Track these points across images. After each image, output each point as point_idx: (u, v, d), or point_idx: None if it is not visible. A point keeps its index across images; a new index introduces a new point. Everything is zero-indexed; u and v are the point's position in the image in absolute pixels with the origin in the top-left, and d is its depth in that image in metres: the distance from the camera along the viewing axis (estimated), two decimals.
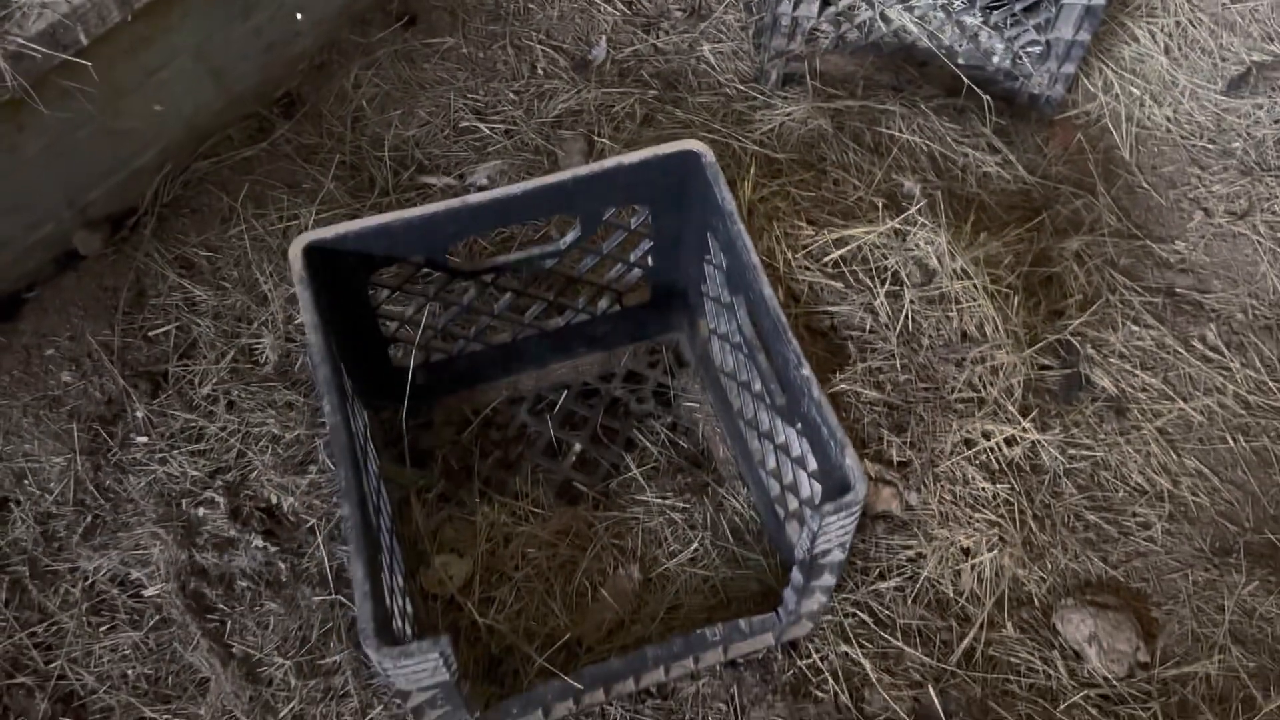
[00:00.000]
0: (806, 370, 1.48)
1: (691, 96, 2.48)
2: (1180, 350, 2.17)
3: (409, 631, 1.51)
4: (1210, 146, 2.50)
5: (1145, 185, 2.46)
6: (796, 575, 1.55)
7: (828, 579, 1.59)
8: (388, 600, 1.39)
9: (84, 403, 2.01)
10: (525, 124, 2.41)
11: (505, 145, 2.39)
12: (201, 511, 1.88)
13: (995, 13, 2.40)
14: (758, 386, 1.75)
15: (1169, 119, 2.54)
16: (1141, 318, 2.21)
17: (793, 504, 1.72)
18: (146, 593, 1.82)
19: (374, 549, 1.34)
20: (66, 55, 1.75)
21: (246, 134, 2.36)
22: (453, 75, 2.50)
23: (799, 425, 1.57)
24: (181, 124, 2.24)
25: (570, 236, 1.80)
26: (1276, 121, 2.49)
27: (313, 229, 1.79)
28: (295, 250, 1.54)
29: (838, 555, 1.52)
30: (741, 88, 2.50)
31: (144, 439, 1.98)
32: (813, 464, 1.58)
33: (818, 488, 1.59)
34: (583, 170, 1.66)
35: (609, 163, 1.66)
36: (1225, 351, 2.18)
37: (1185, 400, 2.11)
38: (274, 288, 2.10)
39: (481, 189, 2.30)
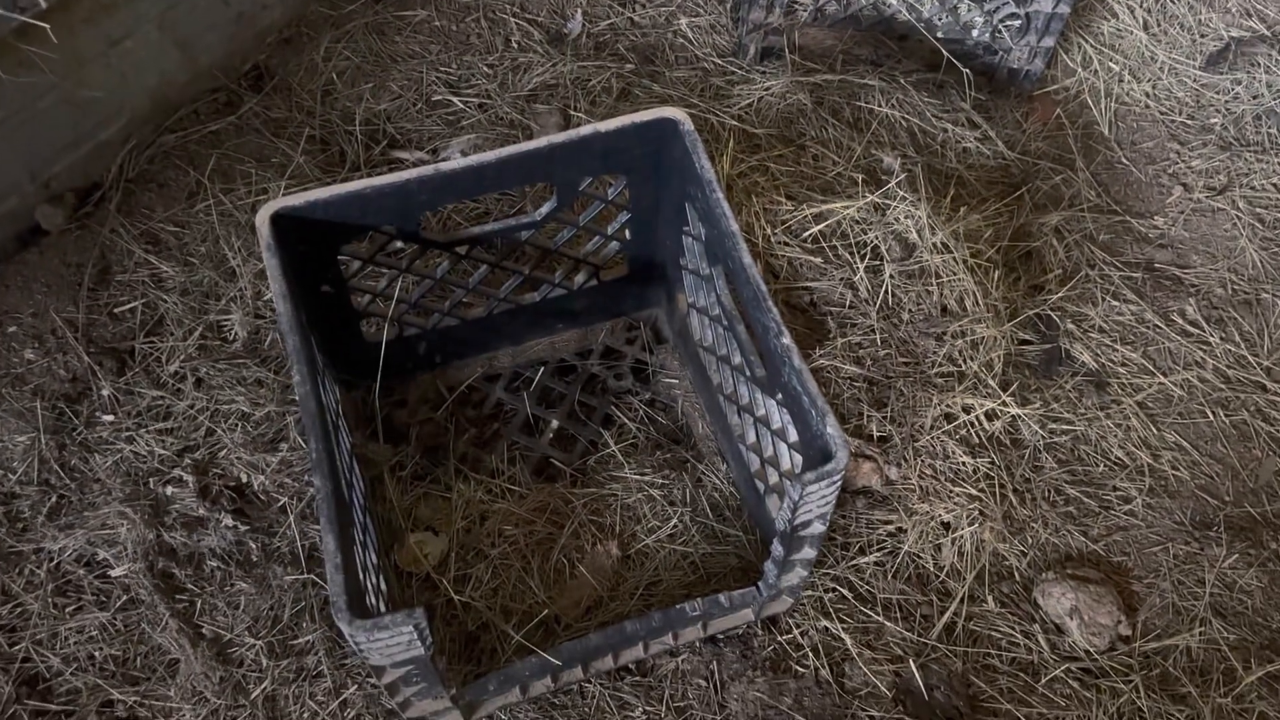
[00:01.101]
0: (787, 339, 1.45)
1: (669, 70, 2.45)
2: (1160, 325, 2.16)
3: (383, 608, 1.48)
4: (1189, 122, 2.50)
5: (1124, 161, 2.45)
6: (777, 548, 1.53)
7: (808, 551, 1.57)
8: (361, 576, 1.35)
9: (48, 380, 1.96)
10: (499, 98, 2.37)
11: (479, 119, 2.35)
12: (170, 490, 1.84)
13: None
14: (737, 359, 1.72)
15: (1148, 94, 2.53)
16: (1121, 292, 2.20)
17: (773, 478, 1.69)
18: (114, 573, 1.78)
19: (346, 521, 1.31)
20: (24, 17, 1.70)
21: (214, 108, 2.31)
22: (425, 48, 2.46)
23: (779, 396, 1.55)
24: (146, 96, 2.18)
25: (546, 207, 1.76)
26: (1255, 97, 2.49)
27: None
28: (263, 217, 1.50)
29: (818, 527, 1.50)
30: (719, 62, 2.47)
31: (110, 417, 1.93)
32: (793, 435, 1.55)
33: (798, 460, 1.56)
34: (559, 138, 1.63)
35: (585, 130, 1.63)
36: (1205, 326, 2.17)
37: (1165, 375, 2.10)
38: (242, 263, 2.05)
39: None
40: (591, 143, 1.64)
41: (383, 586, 1.54)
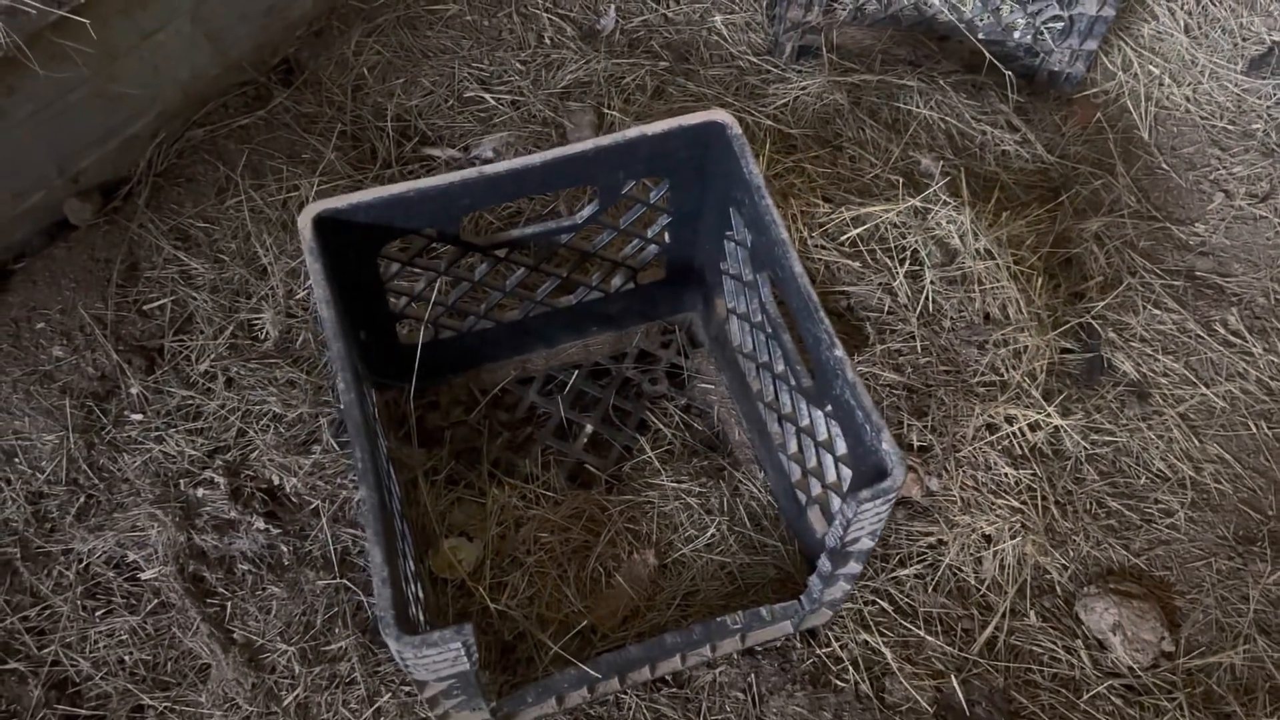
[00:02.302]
0: (840, 351, 1.42)
1: (703, 69, 2.42)
2: (1202, 334, 2.13)
3: (422, 618, 1.46)
4: (1230, 128, 2.46)
5: (1165, 166, 2.41)
6: (824, 563, 1.50)
7: (854, 567, 1.54)
8: (404, 588, 1.33)
9: (76, 378, 1.93)
10: (532, 95, 2.34)
11: (511, 116, 2.31)
12: (200, 492, 1.81)
13: None
14: (780, 367, 1.69)
15: (1189, 99, 2.49)
16: (1162, 301, 2.17)
17: (815, 489, 1.66)
18: (143, 576, 1.76)
19: (392, 533, 1.28)
20: (62, 12, 1.67)
21: (244, 102, 2.27)
22: (457, 43, 2.42)
23: (828, 408, 1.52)
24: (177, 90, 2.15)
25: (588, 210, 1.73)
26: None
27: (315, 200, 1.72)
28: (305, 220, 1.47)
29: (867, 543, 1.48)
30: (755, 60, 2.43)
31: (139, 416, 1.90)
32: (841, 448, 1.52)
33: (845, 472, 1.54)
34: (605, 140, 1.60)
35: (631, 133, 1.60)
36: (1247, 336, 2.14)
37: (1207, 385, 2.07)
38: (274, 261, 2.02)
39: (487, 161, 2.23)
40: (637, 146, 1.61)
41: (420, 596, 1.52)
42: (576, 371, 2.01)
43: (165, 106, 2.14)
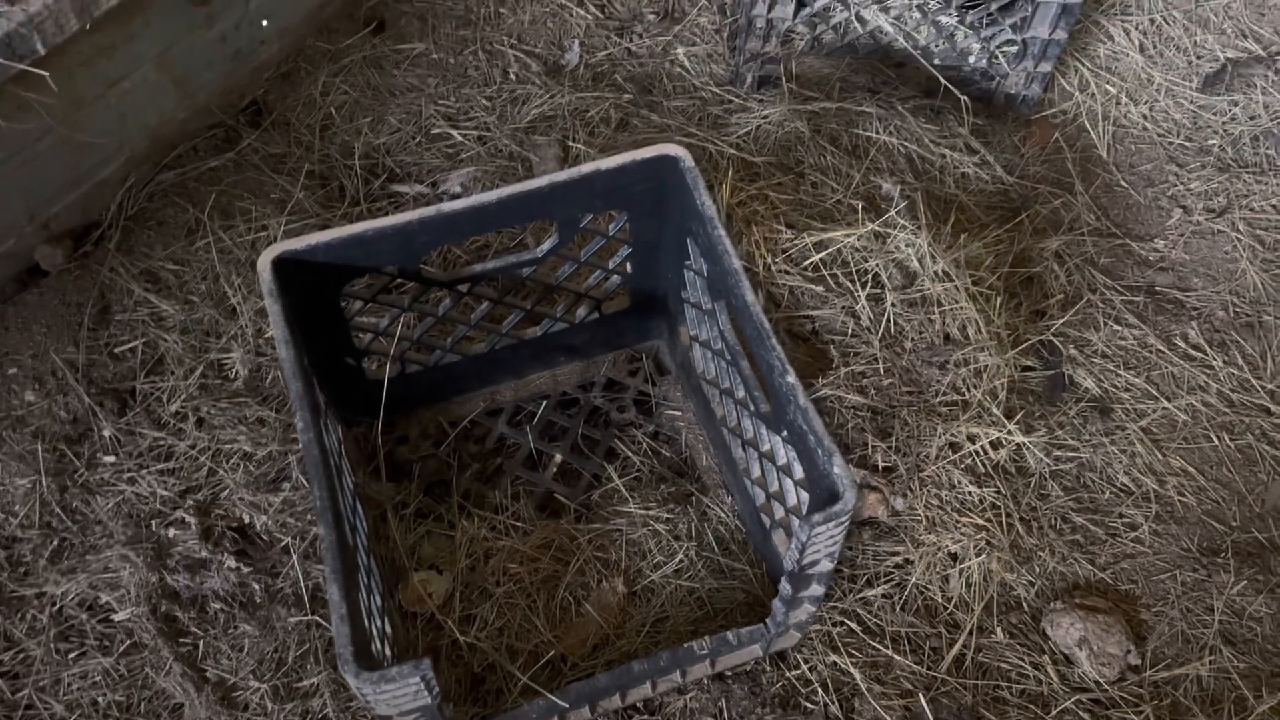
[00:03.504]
0: (791, 377, 1.45)
1: (667, 100, 2.45)
2: (1163, 349, 2.16)
3: (388, 653, 1.47)
4: (1187, 144, 2.50)
5: (1123, 183, 2.45)
6: (785, 586, 1.52)
7: (816, 589, 1.56)
8: (366, 623, 1.34)
9: (49, 422, 1.95)
10: (498, 130, 2.38)
11: (478, 151, 2.35)
12: (172, 532, 1.83)
13: (971, 12, 2.38)
14: (740, 393, 1.72)
15: (1145, 117, 2.53)
16: (1123, 317, 2.20)
17: (779, 512, 1.69)
18: (116, 617, 1.77)
19: (351, 570, 1.30)
20: (23, 65, 1.70)
21: (212, 144, 2.31)
22: (423, 81, 2.46)
23: (784, 433, 1.54)
24: (145, 135, 2.18)
25: (547, 244, 1.76)
26: (1252, 118, 2.49)
27: (282, 240, 1.75)
28: (264, 262, 1.50)
29: (826, 565, 1.49)
30: (717, 90, 2.47)
31: (111, 458, 1.92)
32: (799, 472, 1.55)
33: (805, 496, 1.56)
34: (560, 176, 1.63)
35: (586, 168, 1.63)
36: (1207, 349, 2.17)
37: (1169, 399, 2.09)
38: (243, 300, 2.04)
39: (455, 196, 2.26)
40: (592, 180, 1.64)
41: (387, 630, 1.53)
42: (545, 401, 2.03)
43: (134, 151, 2.17)
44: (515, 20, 2.58)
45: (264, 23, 2.30)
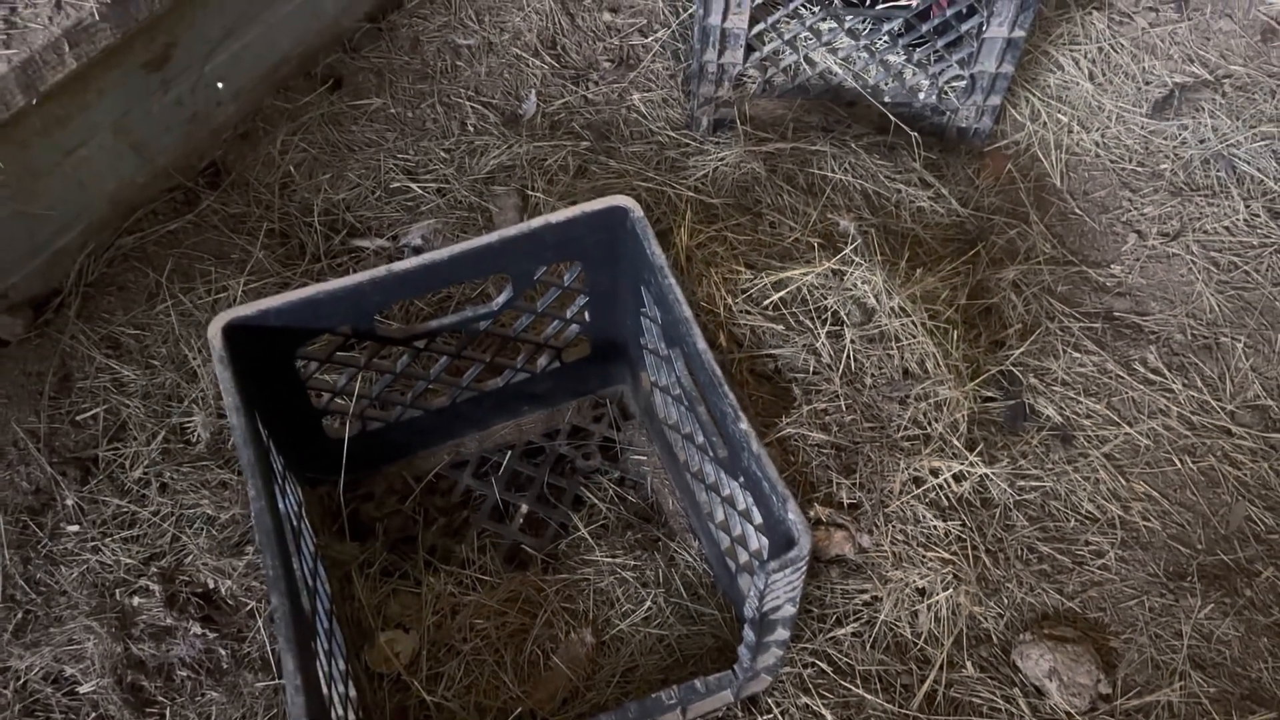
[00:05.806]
0: (745, 424, 1.45)
1: (624, 146, 2.48)
2: (1122, 374, 2.18)
3: (351, 718, 1.46)
4: (1139, 169, 2.53)
5: (1078, 211, 2.48)
6: (749, 633, 1.52)
7: (781, 633, 1.56)
8: (325, 689, 1.34)
9: (10, 494, 1.94)
10: (457, 181, 2.39)
11: (438, 204, 2.36)
12: (136, 600, 1.82)
13: (918, 50, 2.42)
14: (700, 439, 1.72)
15: (1097, 144, 2.57)
16: (1082, 344, 2.22)
17: (743, 557, 1.69)
18: (82, 689, 1.75)
19: (306, 638, 1.29)
20: None
21: (171, 207, 2.32)
22: (381, 136, 2.48)
23: (741, 479, 1.54)
24: (104, 201, 2.19)
25: (503, 297, 1.77)
26: (1202, 142, 2.53)
27: (240, 302, 1.75)
28: (214, 329, 1.50)
29: (789, 610, 1.49)
30: (673, 135, 2.50)
31: (75, 528, 1.91)
32: (758, 517, 1.55)
33: (765, 541, 1.56)
34: (510, 231, 1.64)
35: (536, 222, 1.64)
36: (1167, 373, 2.19)
37: (1130, 424, 2.11)
38: (203, 364, 2.04)
39: (416, 249, 2.27)
40: (543, 235, 1.65)
41: (351, 694, 1.52)
42: (510, 452, 2.04)
43: (93, 218, 2.18)
44: (472, 72, 2.60)
45: (219, 85, 2.32)
